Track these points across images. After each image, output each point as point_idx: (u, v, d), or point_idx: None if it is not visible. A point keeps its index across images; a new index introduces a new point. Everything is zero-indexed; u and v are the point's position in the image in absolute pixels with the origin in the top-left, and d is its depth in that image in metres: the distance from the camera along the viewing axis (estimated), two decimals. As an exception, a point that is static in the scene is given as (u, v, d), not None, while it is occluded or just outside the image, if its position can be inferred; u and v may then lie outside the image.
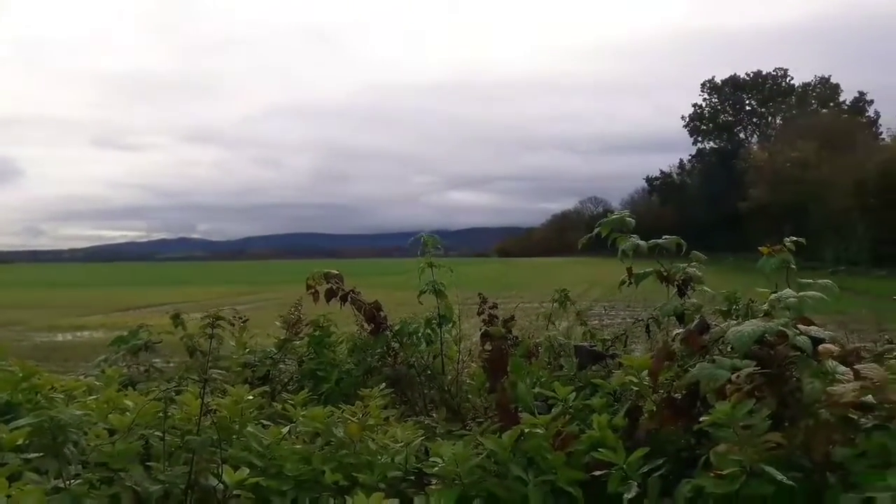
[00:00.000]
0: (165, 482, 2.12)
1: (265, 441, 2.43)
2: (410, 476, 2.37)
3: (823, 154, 48.02)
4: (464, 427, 3.11)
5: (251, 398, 2.64)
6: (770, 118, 79.61)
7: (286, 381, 3.91)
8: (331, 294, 3.79)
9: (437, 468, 2.25)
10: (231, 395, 2.60)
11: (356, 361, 3.80)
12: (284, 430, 2.50)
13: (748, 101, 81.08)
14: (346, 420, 2.58)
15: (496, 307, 3.66)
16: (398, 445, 2.42)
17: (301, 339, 4.05)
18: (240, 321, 4.07)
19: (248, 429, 2.49)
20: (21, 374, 2.69)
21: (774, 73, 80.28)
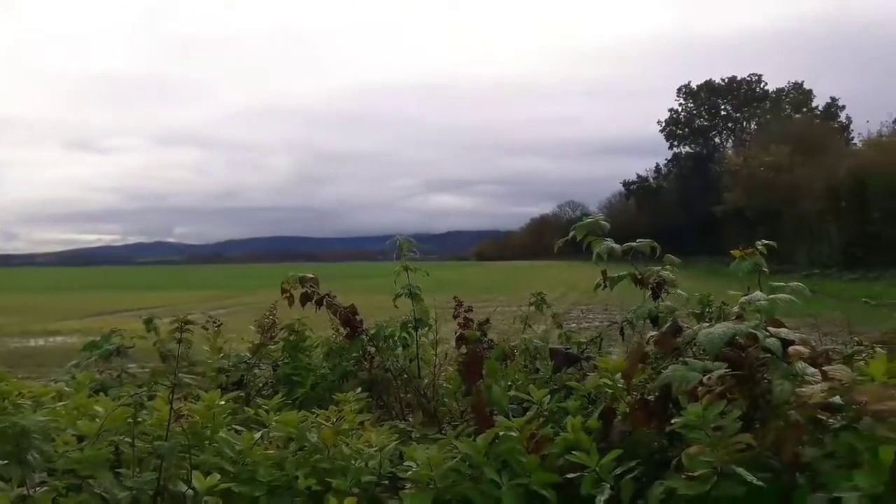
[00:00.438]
0: (133, 488, 2.09)
1: (237, 447, 2.40)
2: (384, 481, 2.36)
3: (797, 158, 48.75)
4: (440, 431, 3.11)
5: (223, 403, 2.61)
6: (745, 123, 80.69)
7: (261, 386, 3.88)
8: (306, 298, 3.76)
9: (411, 472, 2.25)
10: (203, 401, 2.57)
11: (331, 366, 3.77)
12: (257, 436, 2.48)
13: (723, 107, 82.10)
14: (320, 425, 2.56)
15: (471, 310, 3.66)
16: (372, 450, 2.41)
17: (276, 344, 4.02)
18: (213, 325, 4.03)
19: (221, 434, 2.46)
20: (-12, 380, 2.64)
21: (749, 79, 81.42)
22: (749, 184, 52.45)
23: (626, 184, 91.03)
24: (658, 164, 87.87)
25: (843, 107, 74.75)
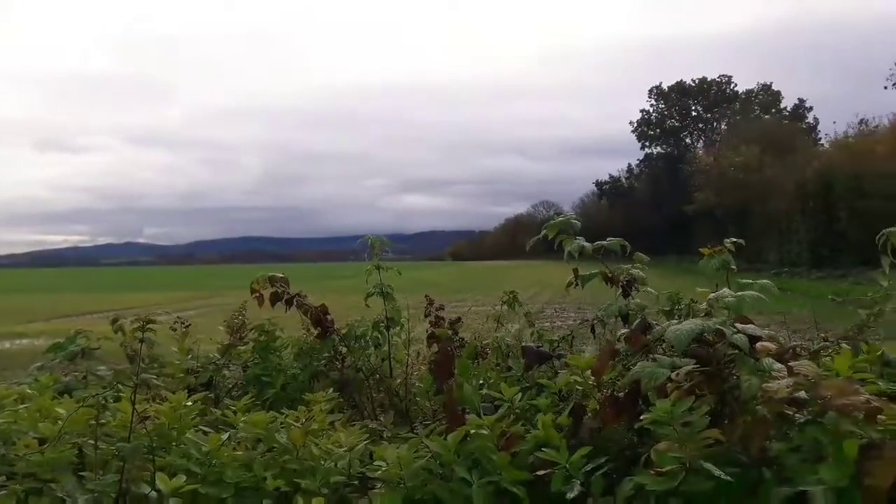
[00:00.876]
0: (95, 491, 2.05)
1: (204, 448, 2.36)
2: (354, 481, 2.34)
3: (766, 159, 49.48)
4: (411, 430, 3.09)
5: (190, 404, 2.57)
6: (715, 123, 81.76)
7: (230, 387, 3.83)
8: (276, 298, 3.72)
9: (381, 472, 2.23)
10: (170, 402, 2.53)
11: (302, 366, 3.74)
12: (224, 437, 2.44)
13: (694, 107, 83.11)
14: (290, 425, 2.53)
15: (443, 309, 3.65)
16: (342, 450, 2.38)
17: (246, 345, 3.97)
18: (182, 326, 3.97)
19: (187, 435, 2.42)
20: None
21: (719, 80, 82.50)
22: (719, 183, 53.15)
23: (599, 184, 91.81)
24: (630, 165, 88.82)
25: (811, 108, 76.24)
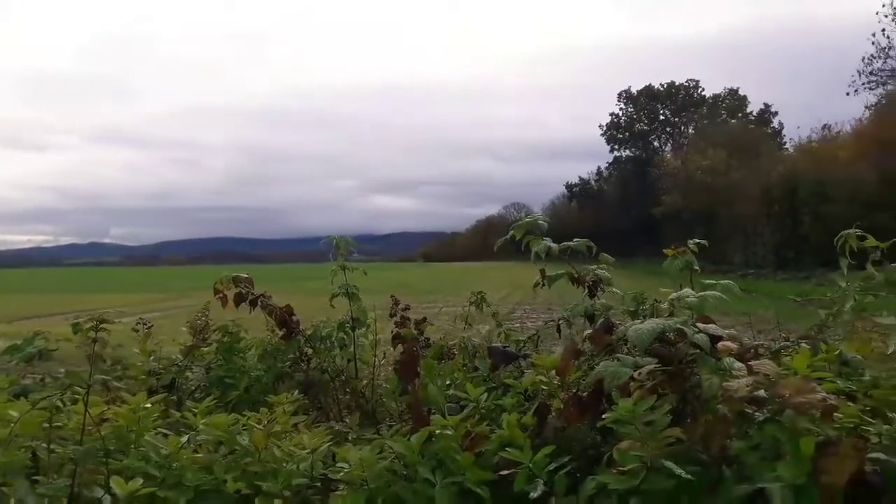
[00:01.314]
0: (46, 495, 1.99)
1: (163, 450, 2.32)
2: (317, 483, 2.31)
3: (732, 162, 50.31)
4: (377, 431, 3.07)
5: (150, 406, 2.52)
6: (683, 127, 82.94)
7: (193, 389, 3.77)
8: (240, 298, 3.67)
9: (343, 473, 2.21)
10: (128, 404, 2.48)
11: (266, 367, 3.69)
12: (184, 439, 2.40)
13: (662, 111, 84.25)
14: (252, 427, 2.50)
15: (408, 309, 3.63)
16: (304, 452, 2.36)
17: (209, 346, 3.92)
18: (144, 327, 3.90)
19: (146, 438, 2.37)
20: None
21: (687, 85, 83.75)
22: (686, 186, 53.90)
23: (569, 186, 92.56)
24: (599, 167, 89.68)
25: (776, 113, 77.75)
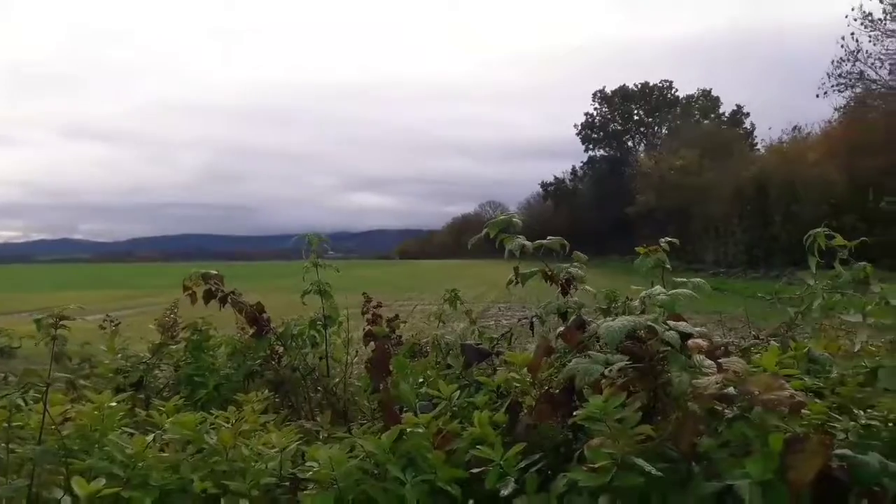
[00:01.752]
0: (3, 496, 1.94)
1: (128, 450, 2.27)
2: (285, 482, 2.28)
3: (704, 162, 50.89)
4: (349, 430, 3.04)
5: (115, 405, 2.47)
6: (656, 128, 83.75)
7: (162, 388, 3.71)
8: (209, 295, 3.62)
9: (312, 472, 2.18)
10: (93, 402, 2.42)
11: (236, 365, 3.65)
12: (149, 439, 2.35)
13: (636, 112, 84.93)
14: (220, 426, 2.46)
15: (381, 306, 3.61)
16: (273, 451, 2.32)
17: (178, 344, 3.86)
18: (111, 324, 3.83)
19: (110, 437, 2.32)
20: None
21: (661, 85, 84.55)
22: (660, 186, 54.43)
23: (544, 185, 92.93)
24: (574, 167, 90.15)
25: (748, 114, 78.72)
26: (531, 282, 3.39)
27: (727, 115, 78.52)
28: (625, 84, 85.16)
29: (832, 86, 38.69)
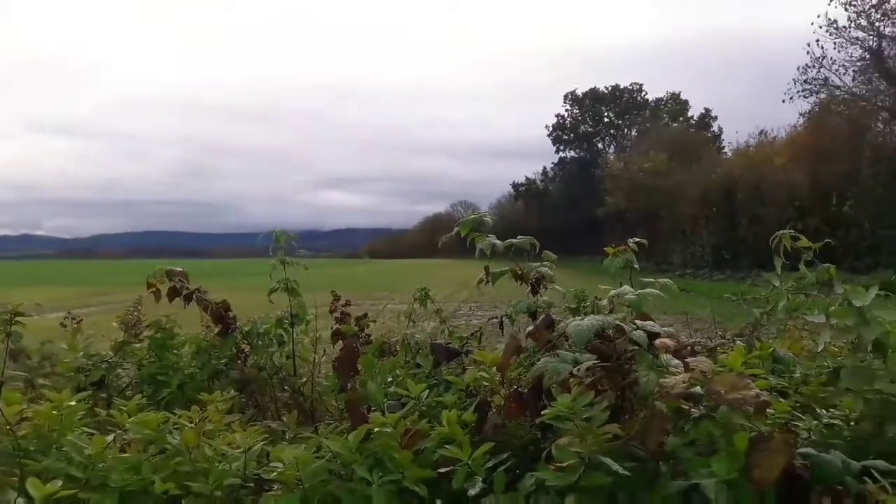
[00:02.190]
0: (-49, 501, 1.88)
1: (87, 450, 2.21)
2: (249, 483, 2.24)
3: (673, 165, 51.56)
4: (316, 430, 3.01)
5: (74, 404, 2.41)
6: (626, 130, 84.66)
7: (124, 387, 3.63)
8: (174, 293, 3.55)
9: (276, 473, 2.14)
10: (51, 402, 2.36)
11: (201, 364, 3.58)
12: (109, 439, 2.29)
13: (606, 114, 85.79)
14: (183, 426, 2.41)
15: (349, 305, 3.57)
16: (237, 451, 2.28)
17: (141, 342, 3.78)
18: (72, 322, 3.74)
19: (68, 437, 2.26)
20: None
21: (631, 88, 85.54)
22: (629, 188, 54.99)
23: (515, 185, 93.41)
24: (545, 168, 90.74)
25: (716, 118, 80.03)
26: (502, 281, 3.39)
27: (695, 119, 79.74)
28: (595, 86, 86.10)
29: (798, 91, 39.50)
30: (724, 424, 2.03)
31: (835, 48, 37.07)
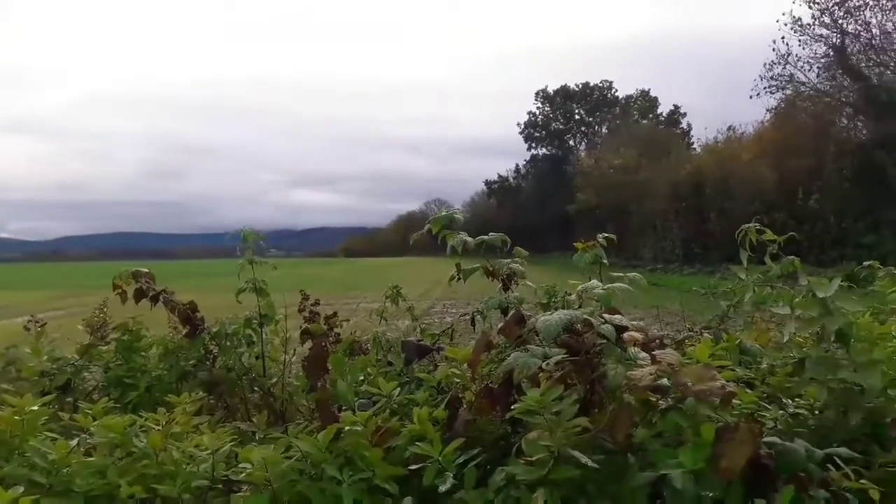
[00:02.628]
0: None
1: (50, 455, 2.17)
2: (218, 485, 2.22)
3: (643, 161, 52.02)
4: (286, 430, 2.98)
5: (36, 408, 2.36)
6: (597, 127, 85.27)
7: (91, 390, 3.57)
8: (140, 294, 3.49)
9: (245, 474, 2.12)
10: (12, 406, 2.30)
11: (168, 366, 3.53)
12: (73, 443, 2.25)
13: (577, 111, 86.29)
14: (150, 429, 2.37)
15: (318, 304, 3.55)
16: (205, 453, 2.25)
17: (108, 344, 3.72)
18: (35, 325, 3.67)
19: (31, 443, 2.21)
20: None
21: (601, 85, 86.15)
22: (600, 184, 55.37)
23: (488, 183, 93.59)
24: (517, 165, 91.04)
25: (685, 114, 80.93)
26: (475, 278, 3.39)
27: (665, 116, 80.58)
28: (566, 84, 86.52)
29: (764, 88, 40.05)
30: (691, 416, 2.06)
31: (799, 45, 37.67)
